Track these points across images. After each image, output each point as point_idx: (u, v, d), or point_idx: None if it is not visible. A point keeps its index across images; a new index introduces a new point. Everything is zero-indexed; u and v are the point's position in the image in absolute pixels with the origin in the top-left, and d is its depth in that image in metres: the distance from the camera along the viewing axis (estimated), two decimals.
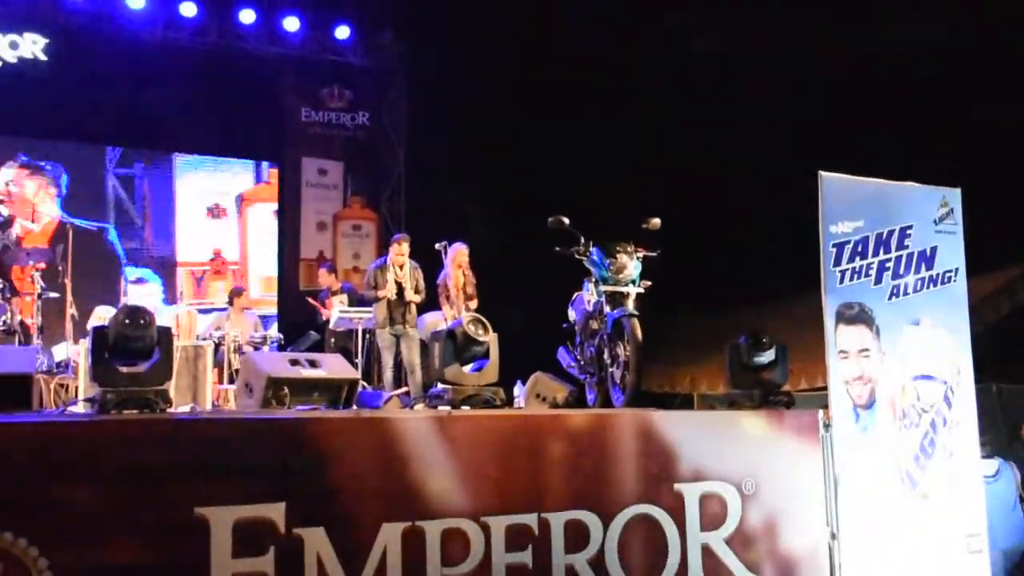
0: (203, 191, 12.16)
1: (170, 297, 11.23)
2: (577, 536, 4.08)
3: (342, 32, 12.20)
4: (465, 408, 4.20)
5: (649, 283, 5.39)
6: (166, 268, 11.73)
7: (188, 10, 11.47)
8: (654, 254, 5.46)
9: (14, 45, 11.08)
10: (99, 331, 3.73)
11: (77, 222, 10.42)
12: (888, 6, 10.40)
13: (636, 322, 5.02)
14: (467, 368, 4.29)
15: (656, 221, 5.54)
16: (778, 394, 4.84)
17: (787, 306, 9.60)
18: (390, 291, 7.78)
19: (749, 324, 5.45)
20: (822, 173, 4.75)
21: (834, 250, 4.77)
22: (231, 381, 8.47)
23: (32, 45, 11.16)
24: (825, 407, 4.70)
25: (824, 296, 4.72)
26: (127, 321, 3.69)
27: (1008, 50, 9.71)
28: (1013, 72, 9.67)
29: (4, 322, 8.17)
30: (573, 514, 4.08)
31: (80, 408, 4.10)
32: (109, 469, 3.40)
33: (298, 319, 10.69)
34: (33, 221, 10.83)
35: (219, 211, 12.18)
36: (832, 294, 4.72)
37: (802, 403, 5.23)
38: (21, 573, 3.17)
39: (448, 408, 4.14)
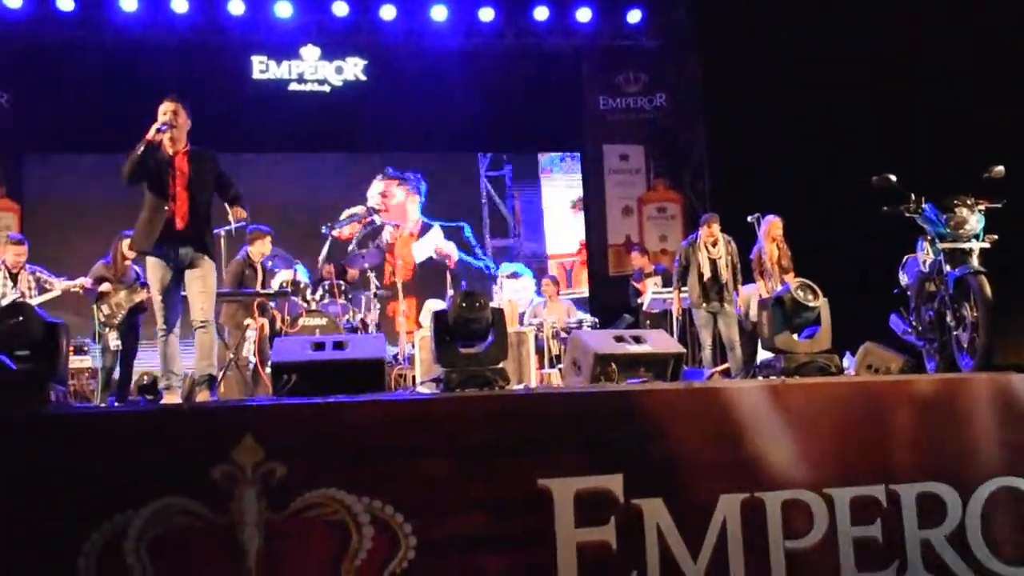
0: (565, 186, 12.73)
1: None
2: (932, 510, 3.81)
3: (634, 16, 12.22)
4: (798, 377, 4.05)
5: (995, 237, 4.93)
6: (537, 261, 12.45)
7: (486, 15, 12.00)
8: (999, 205, 4.99)
9: (339, 70, 12.19)
10: (440, 315, 3.99)
11: (438, 223, 11.76)
12: None
13: (984, 279, 4.62)
14: (797, 336, 4.14)
15: (1000, 169, 5.06)
16: None
17: None
18: (704, 270, 7.72)
19: None
20: None
21: None
22: (551, 365, 8.79)
23: (354, 68, 12.21)
24: None
25: None
26: (464, 305, 3.91)
27: None
28: None
29: (347, 320, 8.97)
30: (926, 486, 3.81)
31: (425, 389, 4.39)
32: (459, 443, 3.61)
33: (611, 303, 10.88)
34: (401, 226, 11.96)
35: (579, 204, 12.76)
36: None
37: None
38: (390, 537, 3.46)
39: (781, 377, 4.00)
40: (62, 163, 11.68)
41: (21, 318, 3.77)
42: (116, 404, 6.71)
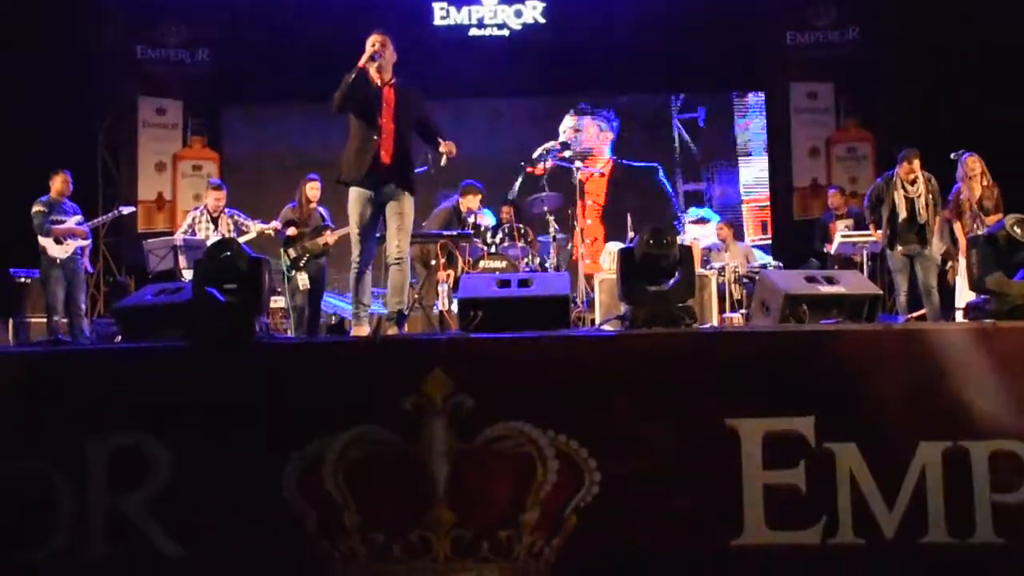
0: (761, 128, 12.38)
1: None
2: None
3: None
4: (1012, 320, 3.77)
5: None
6: (730, 207, 12.13)
7: None
8: None
9: (518, 13, 12.17)
10: (626, 252, 3.95)
11: (630, 163, 11.86)
12: None
13: None
14: (1011, 276, 3.85)
15: None
16: None
17: None
18: (900, 209, 7.31)
19: None
20: None
21: None
22: (733, 310, 8.60)
23: (532, 11, 12.16)
24: None
25: None
26: (651, 241, 3.85)
27: None
28: None
29: (527, 264, 9.05)
30: None
31: (609, 327, 4.38)
32: (643, 381, 3.59)
33: (795, 249, 10.50)
34: (591, 165, 11.94)
35: None
36: None
37: None
38: (574, 470, 3.49)
39: (992, 320, 3.74)
40: (257, 113, 12.28)
41: (229, 253, 3.98)
42: None
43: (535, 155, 11.69)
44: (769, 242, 11.85)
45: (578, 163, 9.91)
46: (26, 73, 9.74)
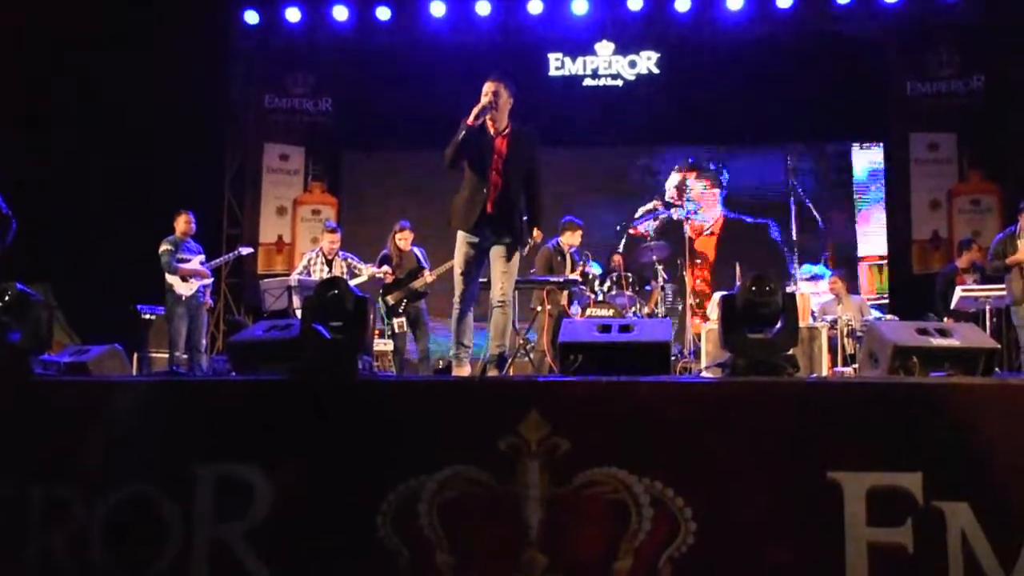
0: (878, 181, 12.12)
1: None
2: None
3: None
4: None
5: None
6: (847, 262, 11.81)
7: (784, 1, 11.60)
8: None
9: (632, 64, 12.26)
10: (728, 299, 3.90)
11: (743, 218, 11.65)
12: None
13: None
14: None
15: None
16: None
17: None
18: None
19: None
20: None
21: None
22: (845, 364, 8.36)
23: (647, 61, 12.23)
24: None
25: None
26: (754, 288, 3.80)
27: None
28: None
29: (635, 312, 9.03)
30: None
31: (710, 374, 4.32)
32: (743, 429, 3.51)
33: (913, 303, 10.16)
34: (699, 220, 11.86)
35: None
36: None
37: None
38: (670, 520, 3.43)
39: None
40: (376, 160, 12.66)
41: (336, 292, 4.10)
42: None
43: (637, 215, 11.69)
44: (886, 301, 11.46)
45: (688, 216, 9.83)
46: (160, 118, 10.30)
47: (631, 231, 11.64)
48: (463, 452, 3.58)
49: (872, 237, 11.93)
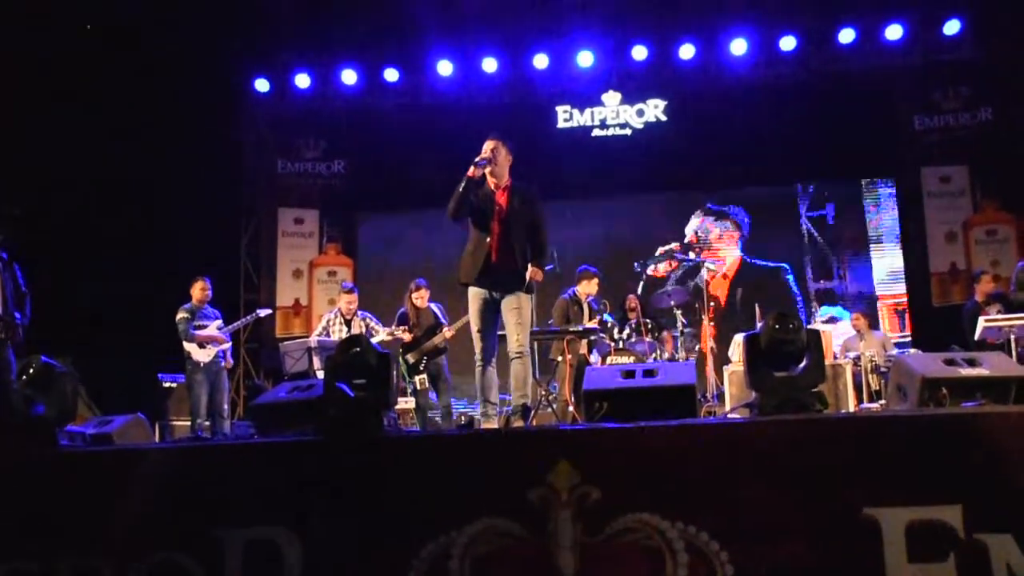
0: (891, 220, 12.07)
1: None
2: None
3: (951, 27, 11.32)
4: None
5: None
6: (866, 302, 11.69)
7: (787, 44, 11.69)
8: None
9: (640, 113, 12.36)
10: (752, 339, 3.88)
11: (757, 262, 11.56)
12: None
13: None
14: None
15: None
16: None
17: None
18: None
19: None
20: None
21: None
22: (871, 400, 8.28)
23: (655, 109, 12.33)
24: None
25: None
26: (777, 327, 3.78)
27: None
28: None
29: (655, 359, 8.97)
30: None
31: (737, 415, 4.27)
32: (774, 469, 3.47)
33: (935, 336, 10.05)
34: (718, 264, 11.85)
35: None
36: None
37: None
38: (706, 564, 3.37)
39: None
40: (389, 220, 12.73)
41: (359, 349, 4.11)
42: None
43: (656, 253, 11.70)
44: (909, 338, 11.36)
45: (708, 265, 9.86)
46: (175, 187, 10.42)
47: (649, 272, 11.61)
48: (493, 505, 3.55)
49: (888, 277, 11.86)
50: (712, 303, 10.25)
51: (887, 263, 11.90)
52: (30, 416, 4.16)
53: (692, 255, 11.63)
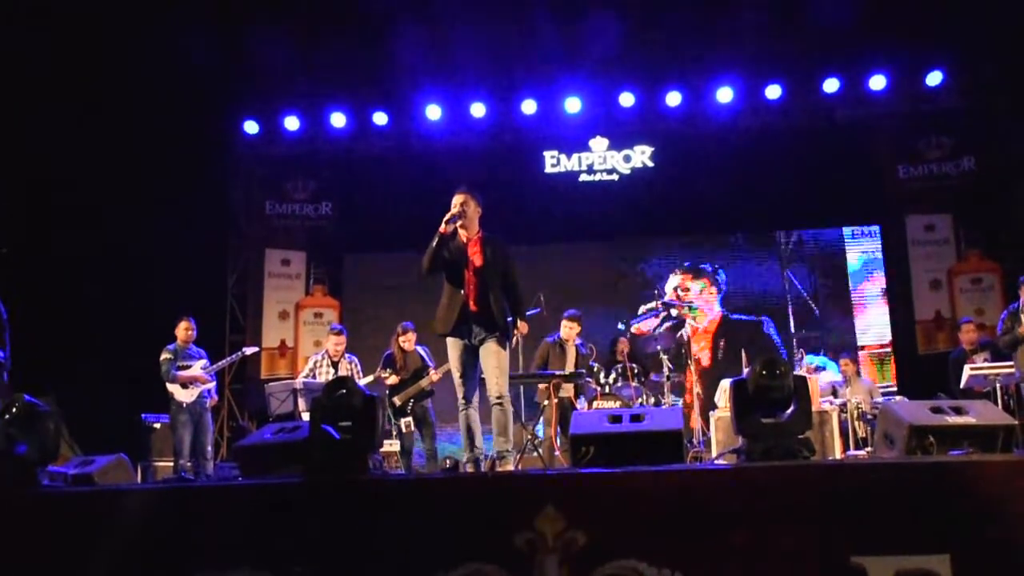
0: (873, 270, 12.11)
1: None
2: None
3: (934, 78, 11.50)
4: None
5: None
6: (849, 350, 11.50)
7: (773, 92, 11.83)
8: None
9: (627, 159, 12.45)
10: (739, 384, 3.88)
11: (737, 317, 11.76)
12: None
13: None
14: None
15: None
16: None
17: None
18: None
19: None
20: None
21: None
22: (857, 447, 8.27)
23: (641, 155, 12.43)
24: None
25: None
26: (764, 372, 3.78)
27: None
28: None
29: (641, 404, 8.96)
30: None
31: (725, 461, 4.26)
32: (762, 516, 3.44)
33: (921, 383, 10.09)
34: (698, 321, 11.90)
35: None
36: None
37: None
38: None
39: None
40: (375, 262, 12.72)
41: (344, 391, 4.09)
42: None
43: (639, 312, 11.72)
44: (893, 388, 11.35)
45: (690, 322, 9.86)
46: (161, 227, 10.39)
47: (632, 330, 11.60)
48: (478, 549, 3.51)
49: (871, 327, 11.87)
50: (693, 360, 10.29)
51: (869, 314, 11.91)
52: (12, 455, 4.11)
53: (674, 312, 11.62)
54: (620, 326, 11.03)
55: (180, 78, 10.55)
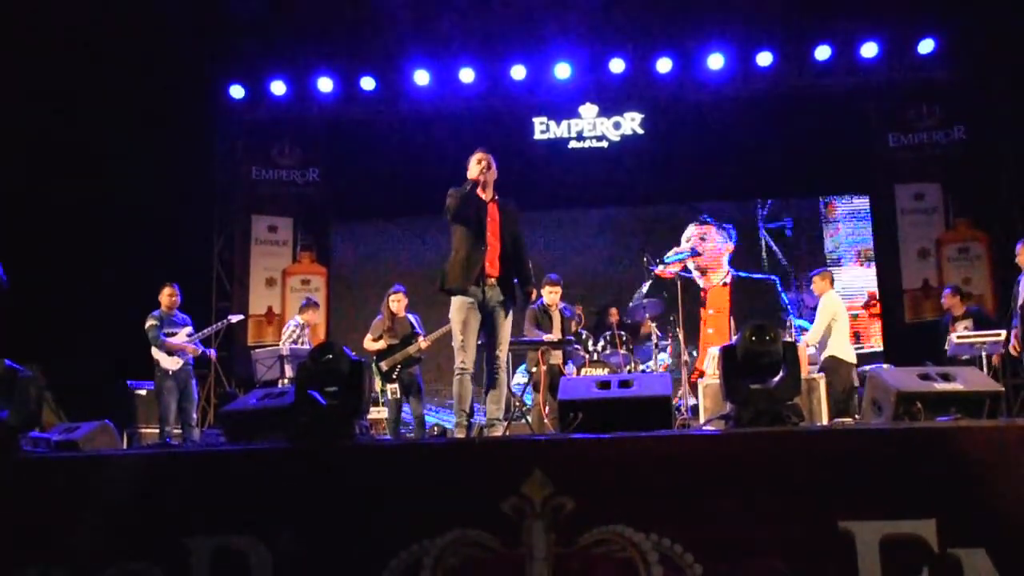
0: (849, 235, 12.10)
1: None
2: None
3: (926, 46, 11.40)
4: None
5: None
6: None
7: (764, 59, 11.74)
8: None
9: (617, 125, 12.37)
10: (728, 350, 3.87)
11: (747, 275, 11.85)
12: None
13: None
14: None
15: None
16: None
17: None
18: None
19: None
20: None
21: None
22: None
23: (631, 122, 12.35)
24: None
25: None
26: (754, 338, 3.77)
27: None
28: None
29: (629, 371, 8.98)
30: None
31: (713, 427, 4.26)
32: (749, 482, 3.45)
33: (907, 352, 10.12)
34: (713, 274, 11.95)
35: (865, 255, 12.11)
36: None
37: None
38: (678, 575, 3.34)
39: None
40: (363, 229, 12.66)
41: (331, 356, 4.05)
42: None
43: (667, 257, 11.72)
44: (874, 350, 11.38)
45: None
46: (147, 193, 10.30)
47: (657, 272, 11.59)
48: (466, 515, 3.50)
49: (849, 290, 11.82)
50: (711, 310, 10.28)
51: (843, 280, 11.83)
52: None
53: (691, 264, 11.64)
54: (650, 266, 11.02)
55: (166, 42, 10.41)
